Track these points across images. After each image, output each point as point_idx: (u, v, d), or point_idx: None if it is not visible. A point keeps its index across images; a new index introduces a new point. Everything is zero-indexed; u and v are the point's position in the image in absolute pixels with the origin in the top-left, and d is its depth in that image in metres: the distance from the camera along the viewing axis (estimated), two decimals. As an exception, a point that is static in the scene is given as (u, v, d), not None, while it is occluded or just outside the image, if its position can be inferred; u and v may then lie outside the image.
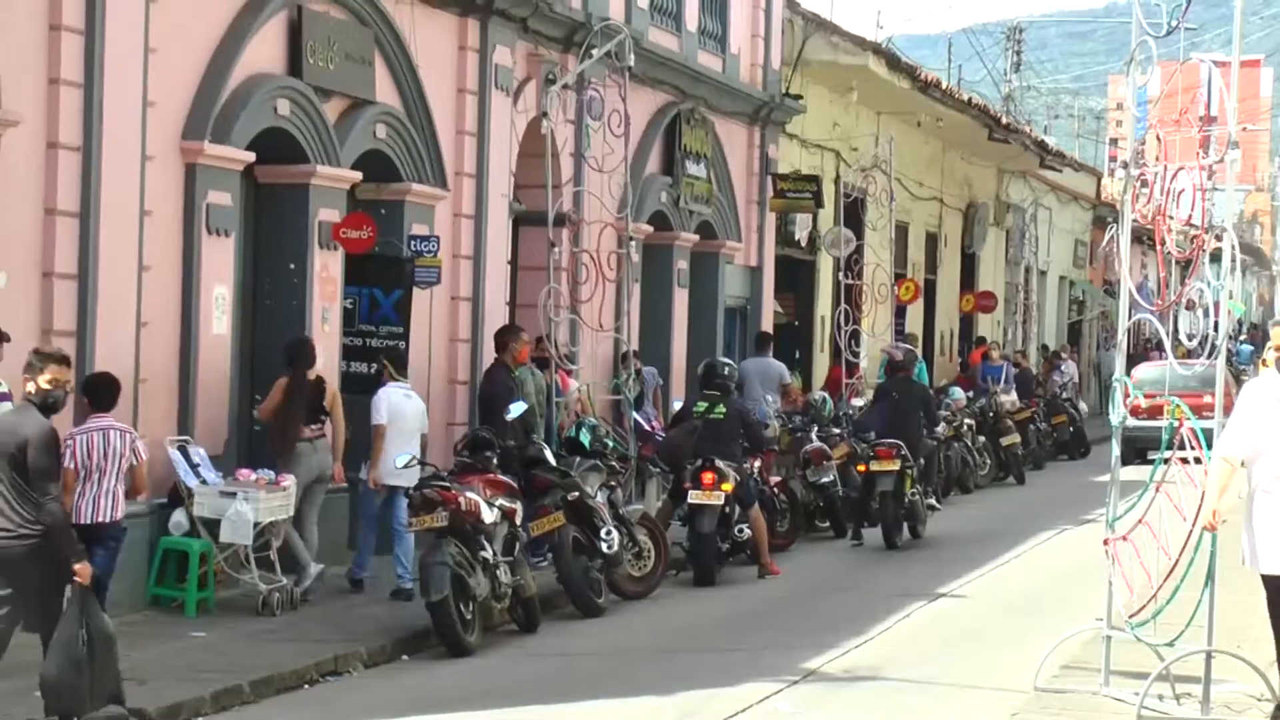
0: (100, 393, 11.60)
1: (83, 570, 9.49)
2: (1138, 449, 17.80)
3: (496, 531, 13.23)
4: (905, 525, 18.69)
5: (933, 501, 19.80)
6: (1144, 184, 10.84)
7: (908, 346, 21.97)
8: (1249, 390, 10.00)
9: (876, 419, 19.18)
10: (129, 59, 13.02)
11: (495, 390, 15.94)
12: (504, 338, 16.49)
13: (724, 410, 16.53)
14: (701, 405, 16.68)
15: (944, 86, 30.99)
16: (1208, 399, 10.84)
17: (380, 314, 15.95)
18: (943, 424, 22.00)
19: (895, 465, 18.27)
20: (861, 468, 18.74)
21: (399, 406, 14.57)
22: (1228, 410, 9.99)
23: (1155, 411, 10.55)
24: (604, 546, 14.36)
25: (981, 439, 26.13)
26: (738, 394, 18.21)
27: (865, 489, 18.65)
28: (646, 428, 19.13)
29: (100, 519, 11.20)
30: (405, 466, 13.63)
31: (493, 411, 15.67)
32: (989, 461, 26.32)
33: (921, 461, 19.09)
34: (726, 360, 17.78)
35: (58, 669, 9.35)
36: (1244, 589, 11.08)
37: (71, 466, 11.12)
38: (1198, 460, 10.02)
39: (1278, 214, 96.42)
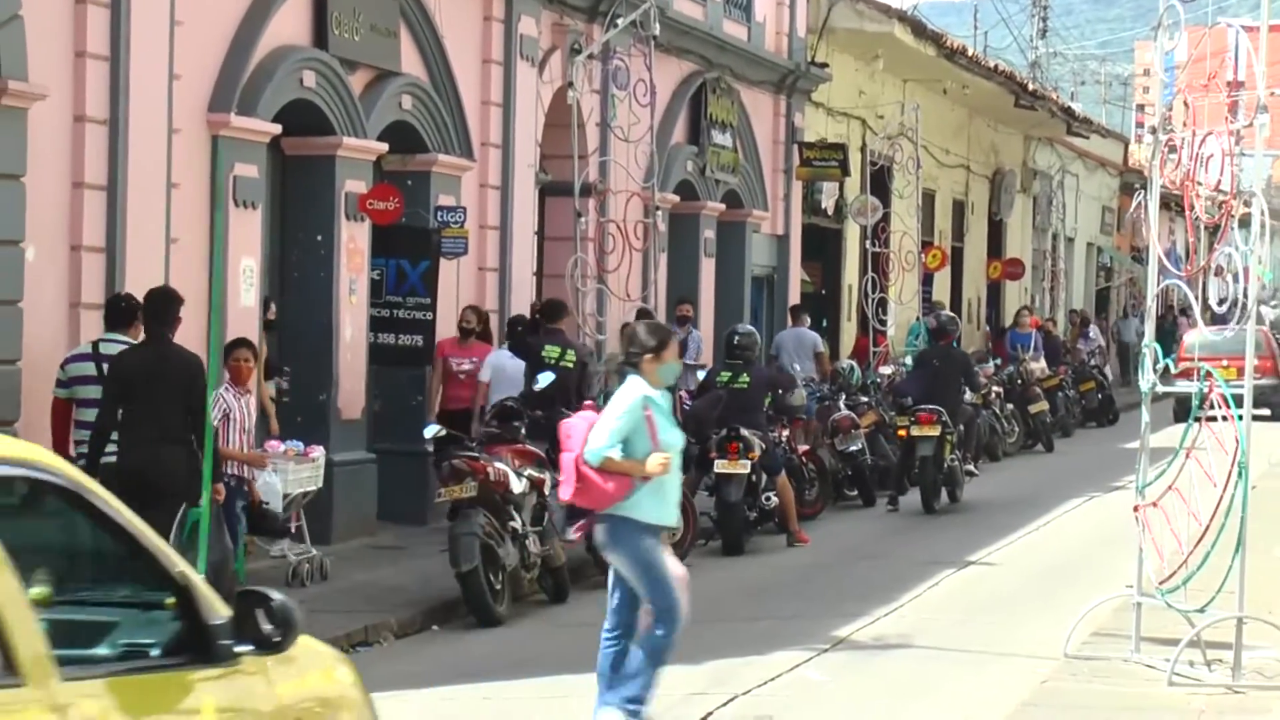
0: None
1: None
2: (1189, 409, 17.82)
3: (525, 501, 13.23)
4: (944, 490, 18.81)
5: (970, 467, 19.92)
6: (1172, 149, 10.81)
7: (949, 314, 22.06)
8: None
9: (915, 385, 19.34)
10: (155, 32, 13.02)
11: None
12: (556, 311, 16.48)
13: (748, 379, 16.50)
14: (725, 375, 16.66)
15: (970, 53, 30.87)
16: (1256, 362, 10.78)
17: (407, 285, 15.95)
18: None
19: (936, 431, 18.44)
20: (902, 432, 18.86)
21: (501, 366, 15.60)
22: (1259, 373, 9.96)
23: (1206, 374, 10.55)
24: (632, 516, 14.34)
25: (1010, 406, 26.07)
26: (771, 363, 18.20)
27: (905, 454, 18.79)
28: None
29: None
30: (434, 437, 13.64)
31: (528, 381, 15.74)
32: (1017, 429, 26.26)
33: (961, 428, 19.21)
34: (748, 328, 17.75)
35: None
36: (1275, 554, 11.05)
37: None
38: (1224, 418, 10.00)
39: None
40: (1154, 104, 14.40)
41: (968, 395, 20.65)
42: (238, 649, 4.94)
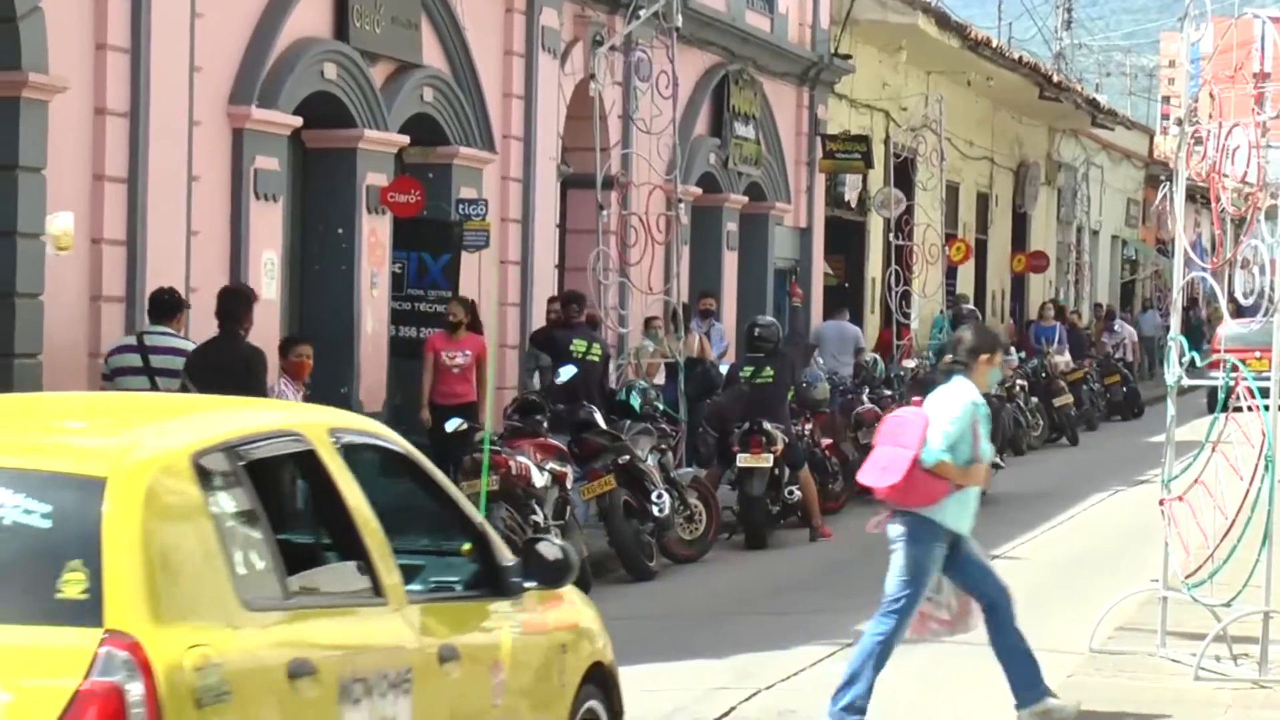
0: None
1: None
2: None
3: (547, 495, 13.21)
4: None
5: (997, 460, 19.81)
6: (1198, 141, 10.74)
7: (970, 307, 22.60)
8: None
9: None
10: (176, 24, 12.99)
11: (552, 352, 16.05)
12: (582, 304, 16.51)
13: (771, 373, 16.43)
14: (748, 369, 16.60)
15: (994, 45, 30.78)
16: None
17: (429, 278, 15.93)
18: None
19: None
20: None
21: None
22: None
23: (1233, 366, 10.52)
24: (655, 510, 14.32)
25: (1034, 400, 25.97)
26: (810, 352, 18.23)
27: None
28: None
29: None
30: (454, 431, 13.62)
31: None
32: (1042, 422, 26.14)
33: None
34: (769, 320, 17.71)
35: None
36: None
37: None
38: (1250, 409, 9.95)
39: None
40: (1180, 96, 14.33)
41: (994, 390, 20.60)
42: (525, 585, 6.41)
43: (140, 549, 4.95)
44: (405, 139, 15.80)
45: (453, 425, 13.68)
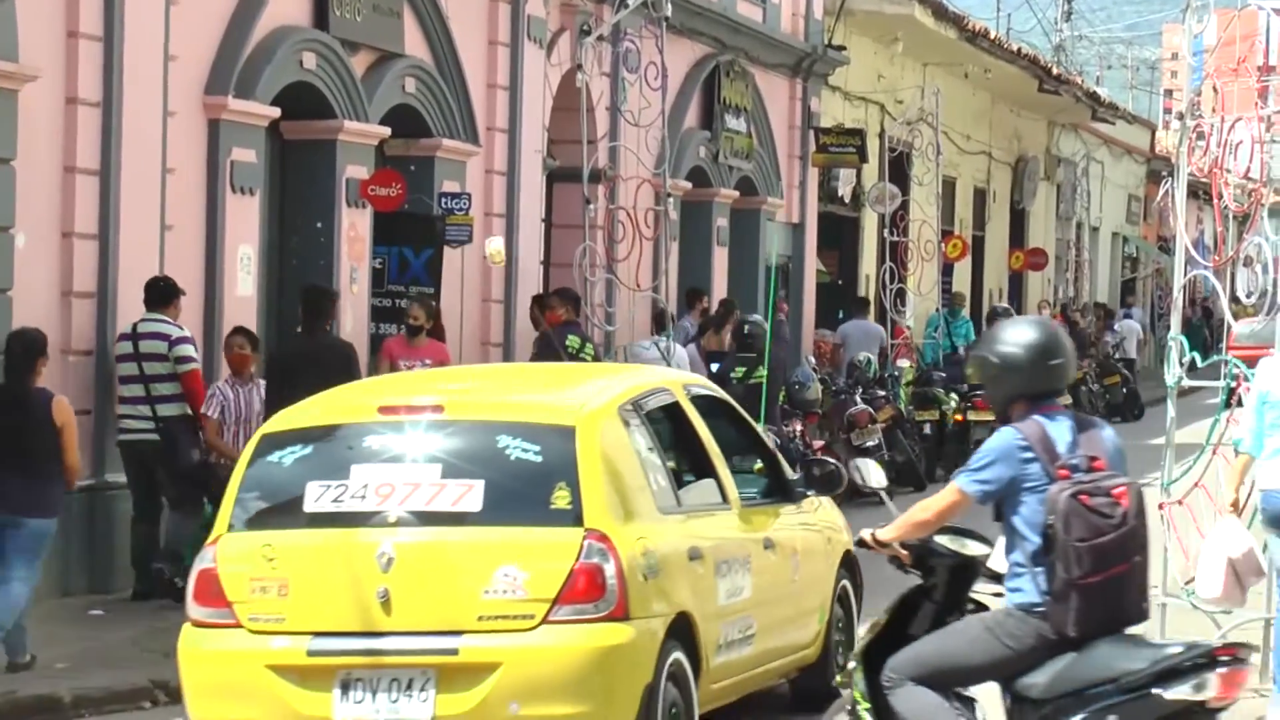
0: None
1: None
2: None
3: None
4: None
5: None
6: (1200, 136, 10.71)
7: (1004, 305, 23.99)
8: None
9: (968, 370, 20.41)
10: (150, 11, 12.88)
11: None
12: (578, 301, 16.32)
13: (764, 374, 16.24)
14: (740, 370, 16.42)
15: (992, 36, 30.53)
16: None
17: (410, 274, 15.83)
18: None
19: (991, 416, 19.20)
20: (958, 418, 20.52)
21: (638, 355, 16.63)
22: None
23: (1253, 363, 10.37)
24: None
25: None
26: (837, 352, 20.01)
27: (960, 437, 20.21)
28: None
29: None
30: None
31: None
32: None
33: None
34: (759, 319, 17.53)
35: None
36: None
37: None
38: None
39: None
40: (1182, 89, 14.14)
41: None
42: (805, 493, 9.36)
43: (601, 474, 7.61)
44: (386, 131, 15.65)
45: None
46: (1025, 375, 6.45)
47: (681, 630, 7.75)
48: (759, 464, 9.30)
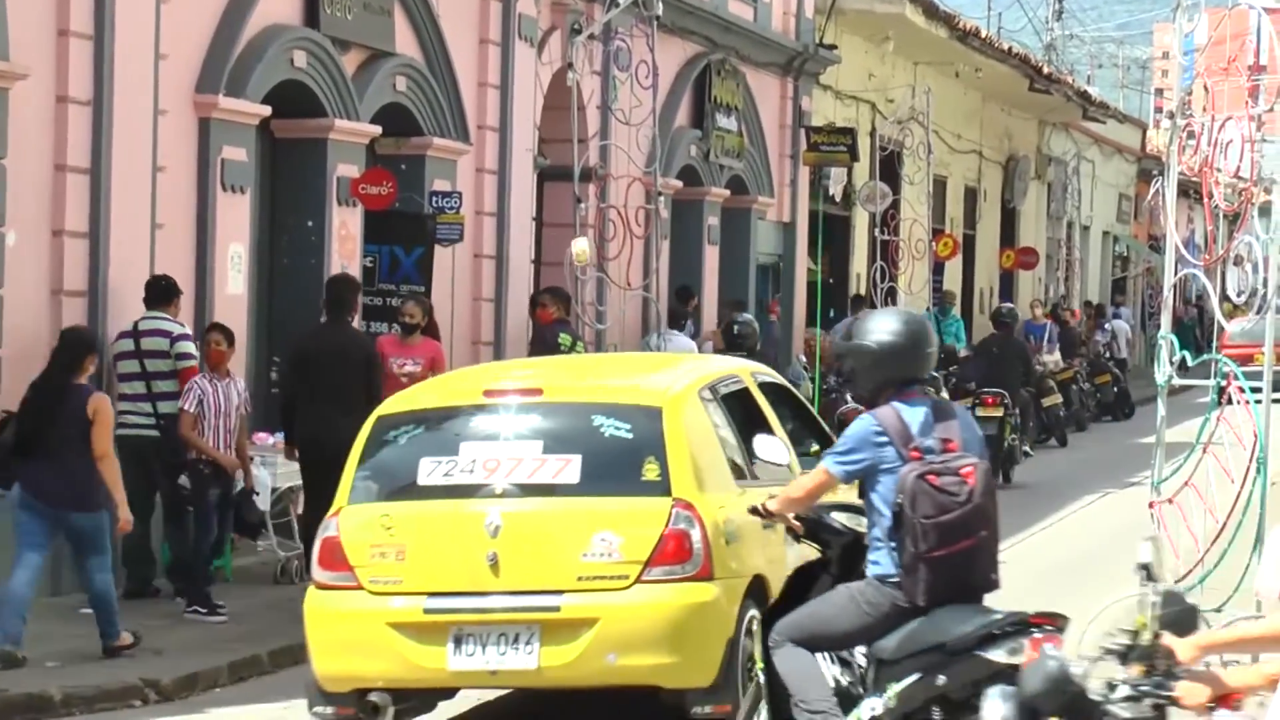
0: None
1: None
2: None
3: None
4: (1001, 471, 19.96)
5: (1026, 449, 21.58)
6: (1190, 135, 10.71)
7: (1009, 306, 24.32)
8: None
9: (977, 371, 21.32)
10: (141, 10, 12.86)
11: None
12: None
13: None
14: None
15: (983, 35, 30.55)
16: None
17: (401, 272, 15.81)
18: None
19: (999, 413, 20.01)
20: None
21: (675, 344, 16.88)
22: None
23: (1246, 360, 10.41)
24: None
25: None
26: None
27: None
28: None
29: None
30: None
31: None
32: (1031, 423, 25.87)
33: (1018, 411, 20.84)
34: (748, 318, 17.56)
35: None
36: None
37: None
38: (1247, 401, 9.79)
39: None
40: (1173, 88, 14.12)
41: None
42: None
43: (686, 449, 8.43)
44: (377, 129, 15.64)
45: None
46: (900, 362, 6.99)
47: (757, 591, 8.50)
48: (815, 446, 9.74)
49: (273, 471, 13.04)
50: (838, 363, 8.01)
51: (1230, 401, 10.08)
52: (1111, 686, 4.45)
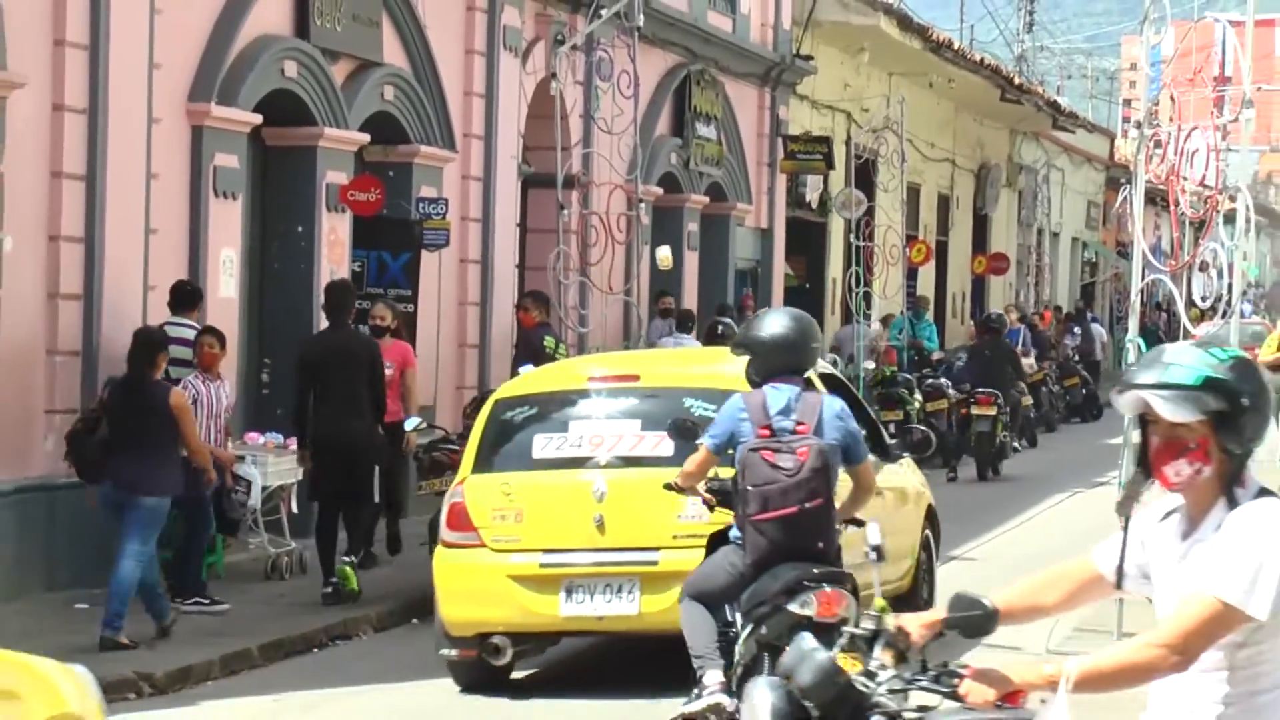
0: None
1: None
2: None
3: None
4: (993, 463, 21.59)
5: (1017, 445, 23.00)
6: (1157, 144, 10.81)
7: (998, 312, 25.92)
8: None
9: (970, 372, 22.33)
10: (135, 20, 12.94)
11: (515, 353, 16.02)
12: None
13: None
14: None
15: (956, 47, 30.79)
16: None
17: (389, 277, 15.88)
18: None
19: (993, 411, 21.27)
20: (963, 411, 21.65)
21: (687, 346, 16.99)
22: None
23: None
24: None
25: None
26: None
27: (961, 429, 21.67)
28: None
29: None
30: (415, 429, 13.54)
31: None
32: (1020, 420, 26.14)
33: (1008, 409, 21.98)
34: (726, 320, 17.74)
35: None
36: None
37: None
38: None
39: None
40: (1140, 98, 14.35)
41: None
42: (902, 455, 11.15)
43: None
44: (365, 137, 15.75)
45: (412, 425, 13.59)
46: (785, 354, 8.12)
47: None
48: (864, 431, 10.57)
49: (263, 470, 13.10)
50: (736, 352, 8.51)
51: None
52: (871, 675, 4.56)
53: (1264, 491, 4.09)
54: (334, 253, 15.36)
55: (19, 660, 5.22)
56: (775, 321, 8.26)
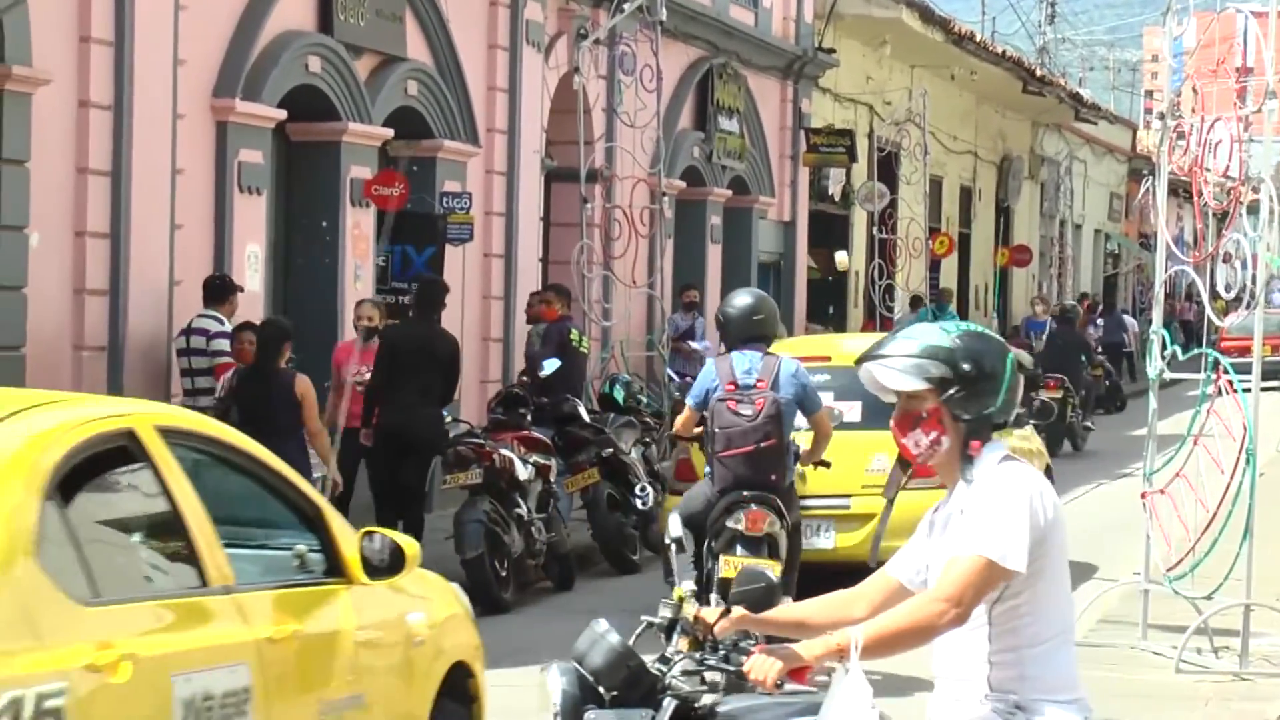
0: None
1: None
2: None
3: (531, 488, 13.19)
4: (1065, 440, 23.02)
5: (1088, 423, 24.38)
6: (1180, 136, 10.78)
7: (1072, 303, 27.82)
8: None
9: (1044, 359, 23.73)
10: (160, 16, 12.99)
11: (529, 350, 15.97)
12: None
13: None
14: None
15: (978, 39, 30.78)
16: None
17: (413, 272, 15.88)
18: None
19: (1059, 394, 22.62)
20: (1031, 394, 22.18)
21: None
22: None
23: (1247, 352, 10.58)
24: (638, 503, 14.32)
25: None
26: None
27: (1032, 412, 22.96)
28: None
29: None
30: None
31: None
32: (1092, 400, 26.20)
33: (1082, 392, 23.72)
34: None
35: None
36: (1282, 542, 11.01)
37: None
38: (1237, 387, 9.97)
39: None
40: (1162, 90, 14.33)
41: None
42: (1027, 421, 12.25)
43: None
44: (389, 132, 15.78)
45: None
46: (746, 324, 9.80)
47: None
48: None
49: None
50: (716, 325, 10.29)
51: (1221, 394, 10.25)
52: (667, 660, 4.54)
53: (1007, 459, 4.34)
54: (358, 247, 15.42)
55: (426, 574, 7.02)
56: (740, 299, 10.04)
